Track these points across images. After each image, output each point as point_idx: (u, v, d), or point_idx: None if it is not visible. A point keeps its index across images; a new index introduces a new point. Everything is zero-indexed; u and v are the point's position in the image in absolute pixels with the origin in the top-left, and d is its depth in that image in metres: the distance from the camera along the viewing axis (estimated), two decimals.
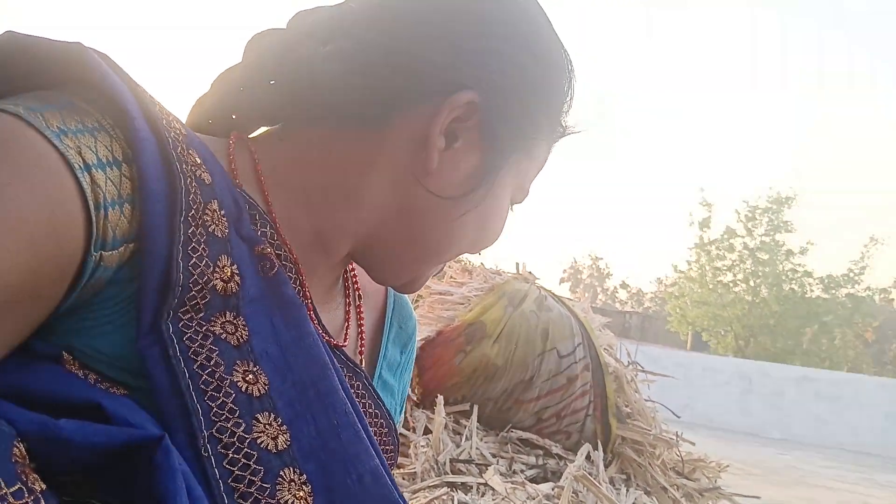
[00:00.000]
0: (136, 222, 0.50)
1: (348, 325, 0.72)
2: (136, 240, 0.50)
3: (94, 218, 0.47)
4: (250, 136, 0.67)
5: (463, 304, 2.54)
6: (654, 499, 2.28)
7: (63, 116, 0.48)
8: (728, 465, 2.63)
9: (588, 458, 2.30)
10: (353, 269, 0.75)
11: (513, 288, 2.57)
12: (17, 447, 0.43)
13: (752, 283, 17.30)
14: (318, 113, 0.64)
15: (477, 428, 2.34)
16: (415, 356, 0.86)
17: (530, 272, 2.80)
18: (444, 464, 2.04)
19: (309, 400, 0.56)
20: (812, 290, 16.95)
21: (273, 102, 0.66)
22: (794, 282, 16.93)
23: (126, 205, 0.49)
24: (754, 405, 8.50)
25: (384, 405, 0.68)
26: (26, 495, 0.42)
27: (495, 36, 0.62)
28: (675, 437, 2.41)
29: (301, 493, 0.52)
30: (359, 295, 0.76)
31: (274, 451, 0.52)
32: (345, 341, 0.71)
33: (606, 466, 2.37)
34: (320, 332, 0.63)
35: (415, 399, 2.31)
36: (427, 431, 2.28)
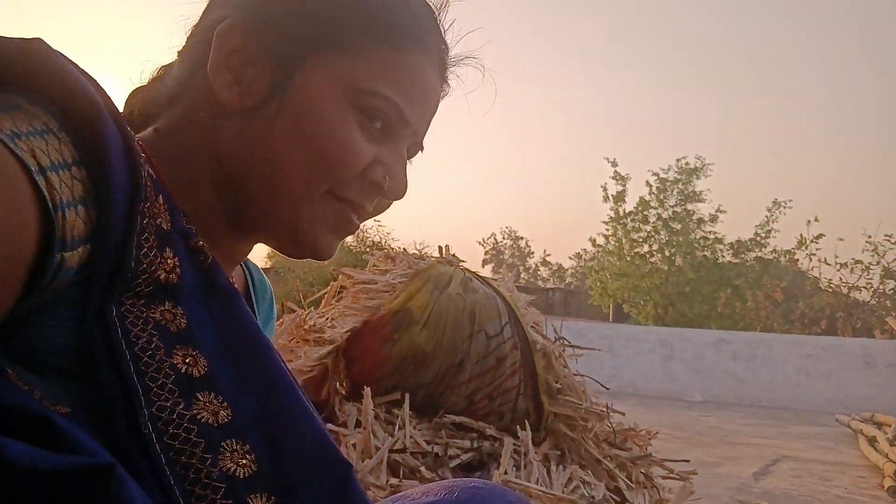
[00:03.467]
0: (89, 223, 0.50)
1: None
2: (90, 241, 0.51)
3: (54, 220, 0.47)
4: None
5: (388, 291, 2.50)
6: (589, 472, 2.31)
7: (13, 119, 0.48)
8: (657, 432, 2.69)
9: (517, 437, 2.30)
10: None
11: (437, 272, 2.54)
12: None
13: (667, 253, 17.85)
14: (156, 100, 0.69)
15: (409, 415, 2.31)
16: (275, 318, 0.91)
17: (454, 255, 2.77)
18: (383, 461, 1.99)
19: (249, 375, 0.57)
20: (723, 256, 17.64)
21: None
22: (706, 249, 17.57)
23: (80, 206, 0.49)
24: (677, 370, 8.79)
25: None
26: None
27: None
28: (605, 410, 2.44)
29: (244, 461, 0.54)
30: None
31: (215, 424, 0.54)
32: None
33: (540, 443, 2.38)
34: None
35: (343, 393, 2.26)
36: (358, 424, 2.23)
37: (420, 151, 0.73)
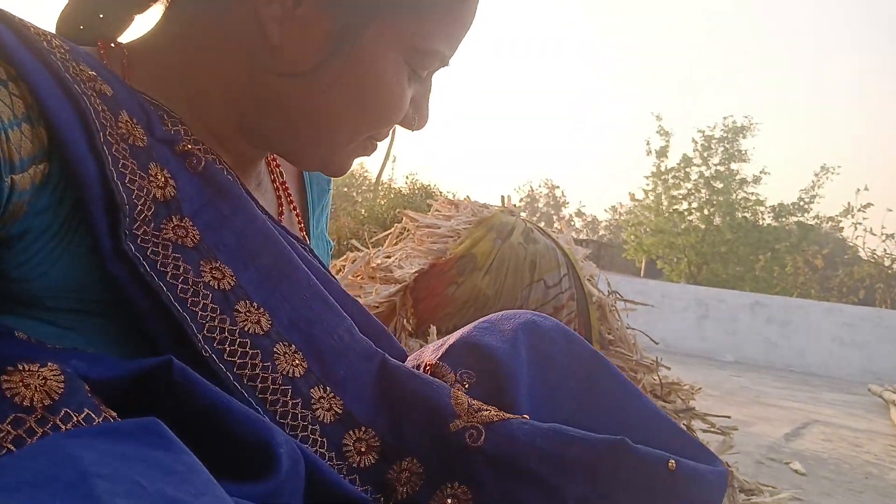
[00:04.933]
0: (38, 141, 0.48)
1: (280, 202, 0.73)
2: (45, 159, 0.48)
3: None
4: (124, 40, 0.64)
5: (452, 237, 2.59)
6: None
7: None
8: (700, 389, 2.79)
9: None
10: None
11: (500, 221, 2.63)
12: (84, 384, 0.44)
13: (706, 212, 17.67)
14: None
15: None
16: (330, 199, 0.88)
17: (515, 205, 2.85)
18: None
19: (274, 279, 0.57)
20: (764, 219, 17.41)
21: None
22: (746, 210, 17.35)
23: (24, 124, 0.47)
24: (710, 330, 8.84)
25: (329, 270, 0.70)
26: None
27: None
28: (654, 363, 2.54)
29: (296, 361, 0.56)
30: (280, 172, 0.75)
31: (261, 332, 0.55)
32: (281, 217, 0.72)
33: None
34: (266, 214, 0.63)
35: (409, 329, 2.38)
36: None
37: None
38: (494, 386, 0.65)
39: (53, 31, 0.56)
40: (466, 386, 0.66)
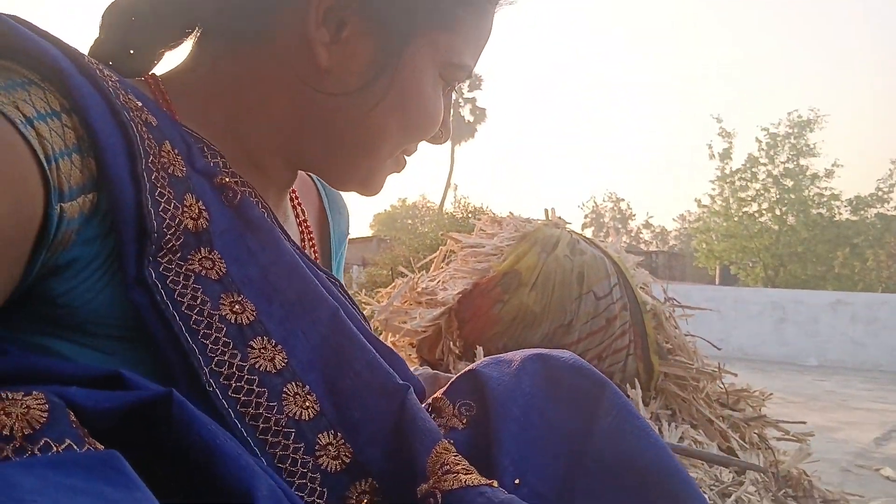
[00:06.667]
0: (87, 171, 0.49)
1: (303, 239, 0.74)
2: (94, 190, 0.50)
3: (47, 171, 0.46)
4: (159, 72, 0.66)
5: (496, 254, 2.54)
6: (701, 431, 2.30)
7: None
8: (772, 394, 2.64)
9: (627, 396, 2.32)
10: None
11: (544, 234, 2.57)
12: (71, 414, 0.43)
13: (777, 212, 17.07)
14: (206, 31, 0.64)
15: None
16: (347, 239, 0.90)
17: (560, 217, 2.78)
18: None
19: (297, 316, 0.57)
20: (840, 213, 16.68)
21: (163, 28, 0.64)
22: (821, 206, 16.67)
23: (74, 154, 0.48)
24: (790, 334, 8.47)
25: (355, 302, 0.70)
26: None
27: None
28: (717, 370, 2.41)
29: (307, 403, 0.55)
30: (303, 210, 0.76)
31: (273, 371, 0.54)
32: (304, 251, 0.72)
33: (648, 403, 2.39)
34: (294, 247, 0.63)
35: (457, 352, 2.33)
36: None
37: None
38: (485, 419, 0.64)
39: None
40: (465, 420, 0.65)
